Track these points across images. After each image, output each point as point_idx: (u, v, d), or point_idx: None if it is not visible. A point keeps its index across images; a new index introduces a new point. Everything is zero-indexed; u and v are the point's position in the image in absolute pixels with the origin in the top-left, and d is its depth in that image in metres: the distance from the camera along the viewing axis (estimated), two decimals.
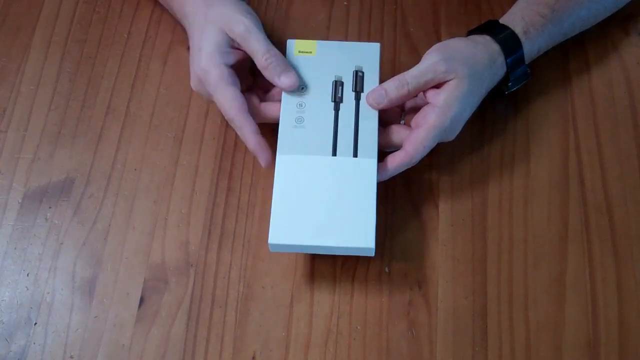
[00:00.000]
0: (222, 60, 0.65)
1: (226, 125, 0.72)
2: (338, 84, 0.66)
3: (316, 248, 0.62)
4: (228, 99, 0.64)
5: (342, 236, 0.61)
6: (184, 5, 0.70)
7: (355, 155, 0.63)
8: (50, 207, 0.69)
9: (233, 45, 0.66)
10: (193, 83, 0.68)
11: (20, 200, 0.69)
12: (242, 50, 0.66)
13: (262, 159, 0.64)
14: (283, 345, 0.63)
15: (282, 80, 0.65)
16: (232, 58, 0.66)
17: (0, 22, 0.78)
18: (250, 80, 0.70)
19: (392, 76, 0.73)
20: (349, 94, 0.66)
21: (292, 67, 0.66)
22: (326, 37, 0.77)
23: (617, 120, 0.72)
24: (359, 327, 0.64)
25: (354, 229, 0.61)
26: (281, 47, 0.69)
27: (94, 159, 0.71)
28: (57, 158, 0.71)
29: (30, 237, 0.67)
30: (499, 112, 0.73)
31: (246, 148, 0.69)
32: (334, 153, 0.64)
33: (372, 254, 0.62)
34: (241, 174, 0.70)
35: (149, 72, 0.75)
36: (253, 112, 0.66)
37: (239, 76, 0.67)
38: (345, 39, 0.77)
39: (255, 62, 0.65)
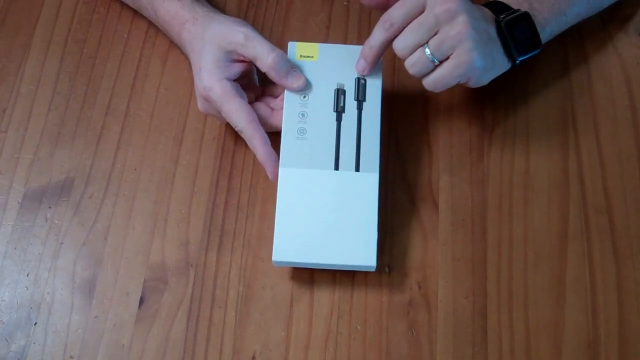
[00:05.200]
0: (223, 75, 0.65)
1: (226, 125, 0.72)
2: (340, 93, 0.66)
3: (319, 264, 0.63)
4: (235, 111, 0.64)
5: (345, 254, 0.62)
6: (181, 33, 0.70)
7: (357, 169, 0.64)
8: (50, 207, 0.69)
9: (233, 58, 0.66)
10: (200, 105, 0.68)
11: (20, 200, 0.69)
12: (242, 61, 0.66)
13: (270, 170, 0.64)
14: (283, 345, 0.63)
15: (290, 80, 0.65)
16: (233, 71, 0.66)
17: (0, 22, 0.78)
18: (260, 90, 0.71)
19: (392, 80, 0.73)
20: (351, 103, 0.66)
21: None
22: (326, 37, 0.77)
23: (617, 120, 0.72)
24: (359, 327, 0.64)
25: (356, 247, 0.62)
26: (281, 48, 0.69)
27: (94, 159, 0.71)
28: (57, 158, 0.71)
29: (30, 237, 0.67)
30: (499, 111, 0.73)
31: (246, 148, 0.69)
32: (336, 167, 0.64)
33: (374, 270, 0.63)
34: (241, 174, 0.70)
35: (149, 72, 0.75)
36: (263, 121, 0.66)
37: (245, 88, 0.67)
38: (345, 38, 0.77)
39: (260, 65, 0.65)
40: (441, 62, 0.63)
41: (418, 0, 0.62)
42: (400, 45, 0.63)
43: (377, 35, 0.64)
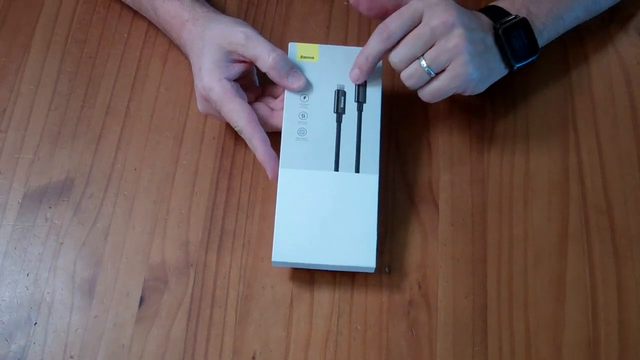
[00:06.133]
0: (223, 75, 0.65)
1: (226, 125, 0.72)
2: (340, 94, 0.66)
3: (318, 265, 0.63)
4: (235, 111, 0.64)
5: (344, 255, 0.62)
6: (181, 33, 0.70)
7: (357, 170, 0.64)
8: (50, 207, 0.69)
9: (233, 58, 0.66)
10: (199, 105, 0.68)
11: (20, 200, 0.69)
12: (243, 62, 0.66)
13: (269, 170, 0.64)
14: (283, 345, 0.63)
15: (290, 80, 0.65)
16: (234, 72, 0.66)
17: (0, 22, 0.78)
18: (260, 90, 0.71)
19: (392, 80, 0.73)
20: (351, 104, 0.66)
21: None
22: (326, 37, 0.77)
23: (617, 120, 0.72)
24: (359, 327, 0.64)
25: (356, 248, 0.62)
26: (281, 48, 0.69)
27: (94, 159, 0.71)
28: (57, 158, 0.71)
29: (30, 237, 0.67)
30: (498, 111, 0.73)
31: (246, 148, 0.69)
32: (336, 168, 0.64)
33: (373, 271, 0.63)
34: (241, 174, 0.70)
35: (149, 72, 0.75)
36: (263, 121, 0.66)
37: (245, 88, 0.67)
38: (345, 39, 0.77)
39: (260, 65, 0.65)
40: (437, 75, 0.63)
41: (415, 11, 0.62)
42: (396, 58, 0.63)
43: (374, 46, 0.64)
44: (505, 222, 0.68)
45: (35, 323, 0.64)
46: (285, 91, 0.67)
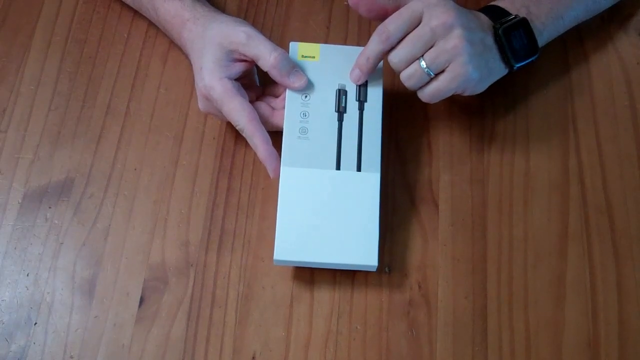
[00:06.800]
0: (225, 74, 0.65)
1: (226, 125, 0.72)
2: (341, 93, 0.67)
3: (320, 264, 0.63)
4: (236, 110, 0.64)
5: (346, 254, 0.62)
6: (182, 32, 0.70)
7: (359, 169, 0.64)
8: (50, 207, 0.69)
9: (234, 57, 0.66)
10: (200, 104, 0.68)
11: (20, 200, 0.69)
12: (244, 61, 0.66)
13: (271, 169, 0.64)
14: (283, 345, 0.63)
15: (291, 79, 0.66)
16: (235, 71, 0.66)
17: (0, 22, 0.78)
18: (260, 90, 0.71)
19: (393, 80, 0.73)
20: (352, 103, 0.66)
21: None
22: (326, 37, 0.77)
23: (617, 120, 0.72)
24: (359, 327, 0.64)
25: (358, 246, 0.62)
26: (281, 48, 0.69)
27: (94, 159, 0.71)
28: (57, 158, 0.71)
29: (30, 237, 0.67)
30: (498, 111, 0.73)
31: (247, 148, 0.69)
32: (338, 167, 0.64)
33: (375, 269, 0.63)
34: (241, 174, 0.70)
35: (149, 72, 0.75)
36: (264, 120, 0.66)
37: (246, 87, 0.67)
38: (345, 39, 0.77)
39: (261, 64, 0.65)
40: (437, 75, 0.63)
41: (414, 12, 0.62)
42: (395, 59, 0.63)
43: (373, 47, 0.64)
44: (505, 222, 0.68)
45: (35, 323, 0.64)
46: (287, 90, 0.67)
